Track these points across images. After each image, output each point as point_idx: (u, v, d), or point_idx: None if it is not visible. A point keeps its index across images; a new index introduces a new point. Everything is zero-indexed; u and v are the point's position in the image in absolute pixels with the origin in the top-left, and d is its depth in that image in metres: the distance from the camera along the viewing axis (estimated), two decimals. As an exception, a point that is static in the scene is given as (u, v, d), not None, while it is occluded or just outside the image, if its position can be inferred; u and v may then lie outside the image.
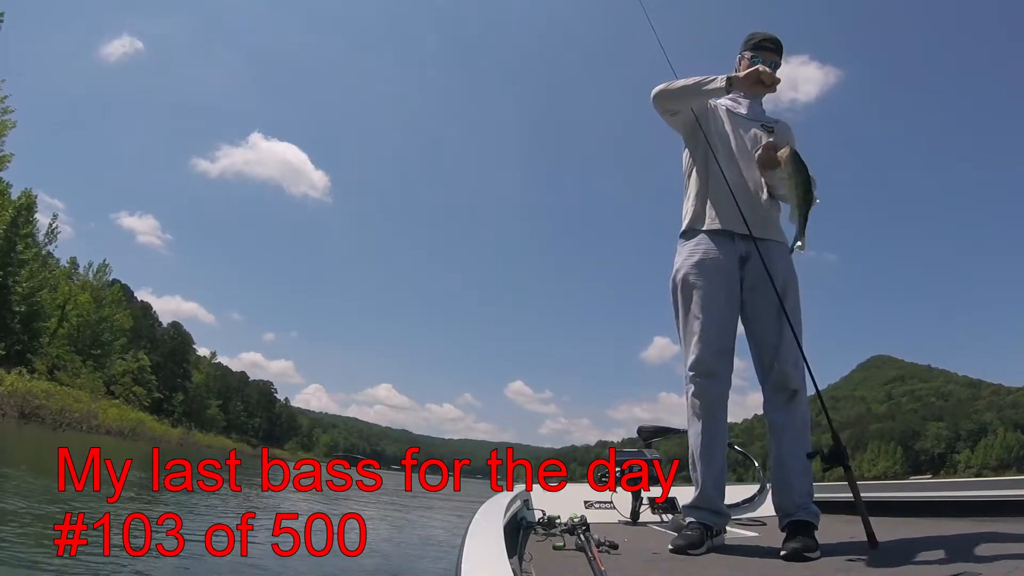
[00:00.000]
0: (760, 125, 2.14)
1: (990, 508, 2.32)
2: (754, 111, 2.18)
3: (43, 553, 3.23)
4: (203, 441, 54.73)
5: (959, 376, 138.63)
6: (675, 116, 2.16)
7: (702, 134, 2.10)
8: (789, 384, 1.91)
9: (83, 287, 42.47)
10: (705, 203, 2.06)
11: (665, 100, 2.11)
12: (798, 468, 1.85)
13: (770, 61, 2.11)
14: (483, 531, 1.47)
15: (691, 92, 2.08)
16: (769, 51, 2.14)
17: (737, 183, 2.02)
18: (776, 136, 2.11)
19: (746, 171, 2.07)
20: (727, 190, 1.99)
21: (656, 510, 2.76)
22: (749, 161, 2.08)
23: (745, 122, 2.15)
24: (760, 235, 1.96)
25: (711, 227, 2.03)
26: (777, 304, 1.90)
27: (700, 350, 1.96)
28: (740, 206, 1.96)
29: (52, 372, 33.11)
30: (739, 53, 2.19)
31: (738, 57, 2.19)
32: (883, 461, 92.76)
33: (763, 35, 2.17)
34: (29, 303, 32.11)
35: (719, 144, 2.09)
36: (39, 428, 22.05)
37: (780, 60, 2.15)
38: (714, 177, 2.05)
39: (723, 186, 2.00)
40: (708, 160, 2.07)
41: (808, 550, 1.63)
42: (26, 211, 31.55)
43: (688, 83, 2.06)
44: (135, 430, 33.58)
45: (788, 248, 2.05)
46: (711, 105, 2.16)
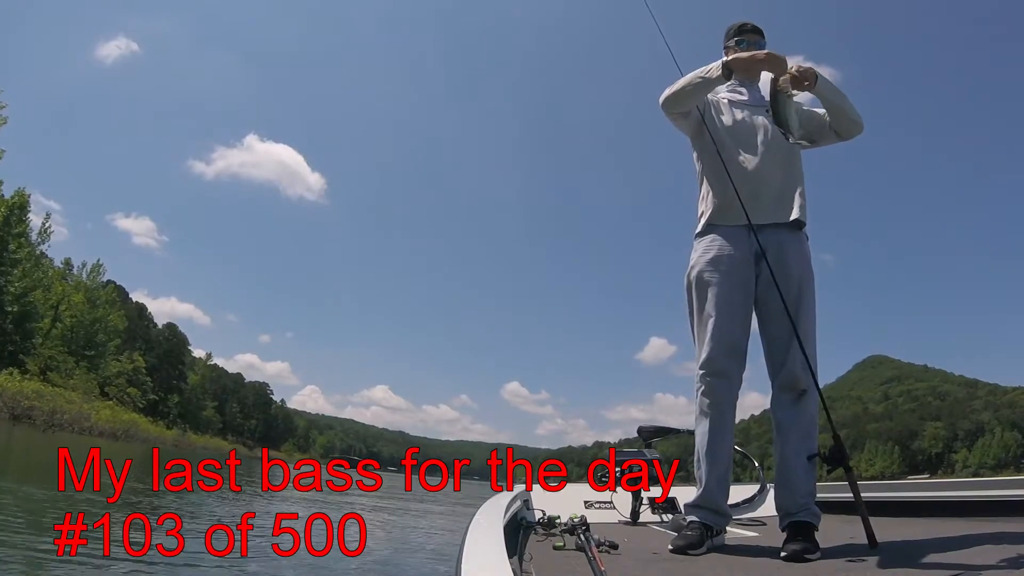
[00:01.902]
0: (765, 111, 2.06)
1: (989, 508, 2.31)
2: (755, 97, 2.13)
3: (42, 552, 3.20)
4: (198, 443, 54.55)
5: (955, 376, 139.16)
6: (687, 118, 2.11)
7: (707, 131, 2.08)
8: (798, 384, 1.89)
9: (77, 287, 42.23)
10: (718, 200, 2.02)
11: (673, 104, 2.07)
12: (801, 468, 1.84)
13: (756, 43, 2.10)
14: (483, 531, 1.46)
15: (694, 89, 2.03)
16: (751, 34, 2.12)
17: (749, 172, 1.98)
18: None
19: (757, 159, 2.01)
20: (740, 182, 1.95)
21: (656, 510, 2.75)
22: (758, 148, 2.02)
23: (751, 109, 2.10)
24: (776, 220, 1.94)
25: (726, 224, 1.99)
26: (791, 303, 1.87)
27: (711, 348, 1.93)
28: (754, 196, 1.93)
29: (44, 373, 32.88)
30: (723, 48, 2.17)
31: (723, 52, 2.17)
32: (880, 461, 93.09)
33: (741, 23, 2.16)
34: (22, 303, 31.87)
35: (725, 138, 2.06)
36: (29, 429, 21.84)
37: (764, 42, 2.14)
38: (724, 172, 2.01)
39: (735, 179, 1.96)
40: (716, 156, 2.04)
41: (808, 551, 1.62)
42: (19, 210, 31.37)
43: (688, 80, 2.03)
44: (128, 431, 33.40)
45: (805, 236, 2.00)
46: (711, 99, 2.13)
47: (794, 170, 2.04)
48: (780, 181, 2.00)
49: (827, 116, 2.04)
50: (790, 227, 1.98)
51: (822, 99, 1.99)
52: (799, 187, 2.02)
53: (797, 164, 2.06)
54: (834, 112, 2.01)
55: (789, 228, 1.97)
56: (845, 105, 2.00)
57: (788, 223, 1.97)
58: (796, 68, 1.91)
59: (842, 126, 2.03)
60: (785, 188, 2.00)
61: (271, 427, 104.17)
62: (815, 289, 1.97)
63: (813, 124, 2.06)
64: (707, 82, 2.01)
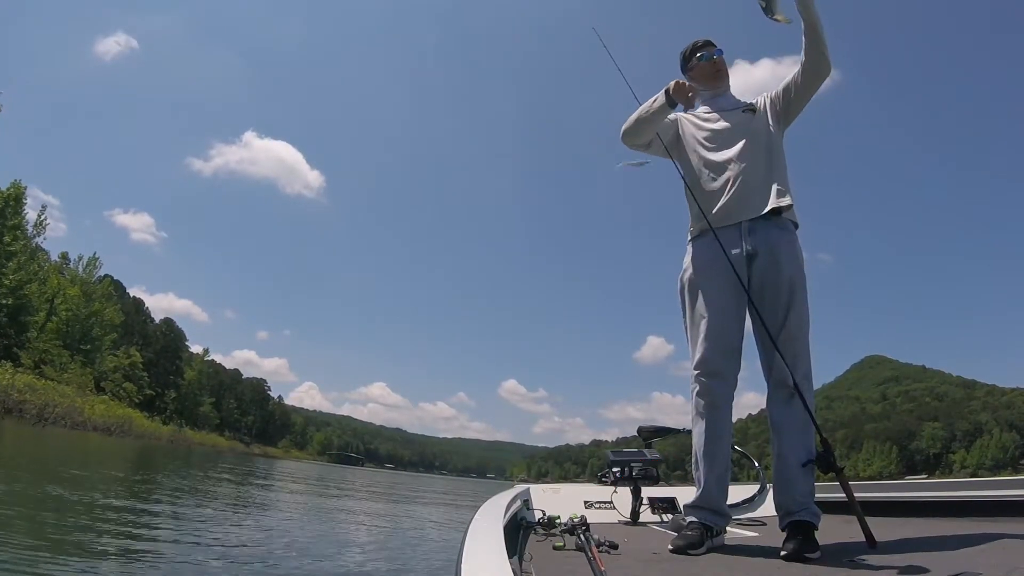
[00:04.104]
0: (740, 111, 2.12)
1: (988, 508, 2.31)
2: (728, 103, 2.17)
3: (42, 552, 3.19)
4: (195, 439, 54.30)
5: (953, 376, 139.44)
6: (649, 147, 2.21)
7: (683, 147, 2.15)
8: (789, 382, 1.88)
9: (73, 281, 41.99)
10: (703, 206, 2.04)
11: (630, 137, 2.19)
12: (799, 467, 1.84)
13: (711, 52, 2.19)
14: (483, 531, 1.45)
15: (644, 121, 2.14)
16: (705, 47, 2.20)
17: (730, 173, 2.02)
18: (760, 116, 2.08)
19: (736, 158, 2.03)
20: (725, 186, 1.99)
21: (656, 510, 2.74)
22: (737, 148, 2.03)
23: (724, 114, 2.14)
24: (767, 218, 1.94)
25: (716, 226, 2.00)
26: (782, 303, 1.90)
27: (705, 349, 1.95)
28: (738, 194, 1.97)
29: (39, 367, 32.66)
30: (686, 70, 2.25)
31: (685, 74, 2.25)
32: (878, 461, 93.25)
33: (693, 43, 2.24)
34: (17, 296, 31.60)
35: (698, 147, 2.11)
36: (18, 423, 21.63)
37: (720, 49, 2.21)
38: (704, 179, 2.06)
39: (715, 183, 2.02)
40: (692, 166, 2.11)
41: (808, 551, 1.63)
42: (14, 202, 31.18)
43: (638, 114, 2.15)
44: (123, 427, 33.20)
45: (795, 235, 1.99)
46: (679, 119, 2.19)
47: (776, 164, 2.03)
48: (763, 176, 2.00)
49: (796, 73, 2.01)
50: (781, 226, 1.98)
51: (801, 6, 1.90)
52: (783, 180, 2.01)
53: (779, 158, 2.05)
54: (809, 29, 1.92)
55: (780, 227, 1.97)
56: (819, 28, 1.91)
57: (779, 222, 1.97)
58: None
59: (810, 56, 1.95)
60: (769, 182, 2.00)
61: (268, 424, 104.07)
62: (807, 287, 1.97)
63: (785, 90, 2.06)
64: (654, 113, 2.11)
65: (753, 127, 2.06)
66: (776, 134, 2.07)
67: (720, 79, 2.20)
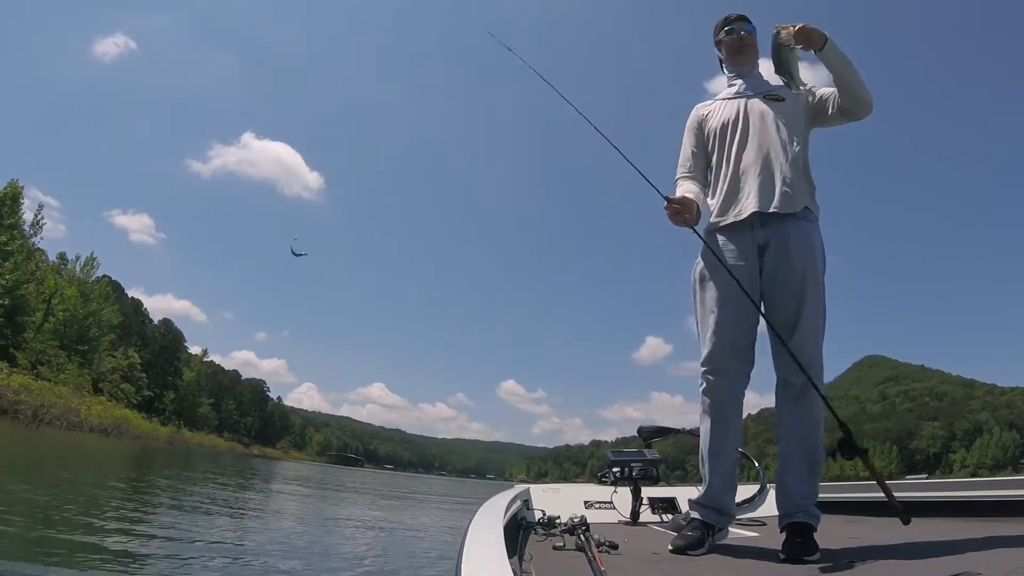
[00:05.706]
0: (763, 96, 2.01)
1: (987, 508, 2.31)
2: (754, 85, 2.07)
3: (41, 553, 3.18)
4: (193, 440, 54.22)
5: (953, 376, 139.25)
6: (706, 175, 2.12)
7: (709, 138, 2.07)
8: (797, 379, 1.84)
9: (70, 281, 41.86)
10: (721, 199, 1.99)
11: None
12: (801, 468, 1.82)
13: (740, 28, 2.10)
14: (483, 531, 1.45)
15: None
16: (737, 22, 2.11)
17: (748, 163, 1.94)
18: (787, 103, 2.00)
19: (755, 148, 1.95)
20: (741, 176, 1.94)
21: (656, 510, 2.74)
22: (756, 137, 1.96)
23: (746, 98, 2.04)
24: (781, 209, 1.87)
25: (730, 219, 1.96)
26: (794, 297, 1.84)
27: (712, 346, 1.91)
28: (756, 186, 1.90)
29: (35, 367, 32.55)
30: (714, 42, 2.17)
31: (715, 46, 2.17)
32: (878, 461, 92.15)
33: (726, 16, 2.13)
34: (13, 296, 31.54)
35: (724, 137, 2.03)
36: (12, 423, 21.50)
37: (753, 27, 2.12)
38: (725, 170, 1.99)
39: (737, 174, 1.95)
40: (715, 156, 2.04)
41: (807, 552, 1.62)
42: (11, 202, 31.09)
43: None
44: (119, 428, 33.08)
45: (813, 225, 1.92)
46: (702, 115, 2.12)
47: (798, 153, 1.94)
48: (783, 167, 1.91)
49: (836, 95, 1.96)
50: (796, 217, 1.89)
51: (827, 65, 1.90)
52: (804, 171, 1.94)
53: (801, 147, 1.95)
54: (839, 84, 1.91)
55: (795, 218, 1.89)
56: (851, 77, 1.89)
57: (795, 212, 1.89)
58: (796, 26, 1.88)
59: (847, 101, 1.93)
60: (788, 173, 1.91)
61: (267, 425, 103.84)
62: (823, 280, 1.88)
63: (822, 102, 2.00)
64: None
65: (775, 116, 1.96)
66: (802, 126, 1.98)
67: (745, 56, 2.09)
